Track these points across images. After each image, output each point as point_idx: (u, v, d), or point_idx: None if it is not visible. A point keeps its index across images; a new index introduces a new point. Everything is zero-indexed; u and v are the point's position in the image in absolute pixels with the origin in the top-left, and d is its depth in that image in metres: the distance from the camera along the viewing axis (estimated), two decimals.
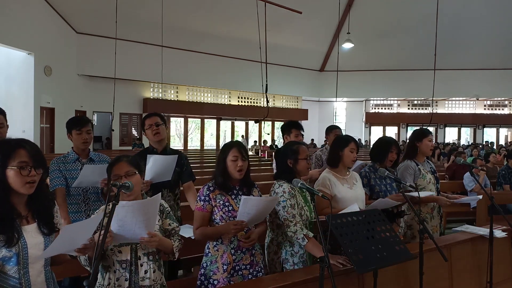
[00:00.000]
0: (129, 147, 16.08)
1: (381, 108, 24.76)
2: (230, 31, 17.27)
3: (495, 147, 18.29)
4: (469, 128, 24.81)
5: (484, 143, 20.75)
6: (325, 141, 17.84)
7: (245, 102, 21.62)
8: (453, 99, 23.61)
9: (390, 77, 21.78)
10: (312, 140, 22.46)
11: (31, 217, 1.76)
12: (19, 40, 12.22)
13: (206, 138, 21.39)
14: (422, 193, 3.18)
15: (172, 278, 3.26)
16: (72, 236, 1.72)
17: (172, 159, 3.06)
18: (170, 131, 20.00)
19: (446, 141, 21.98)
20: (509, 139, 23.51)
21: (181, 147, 19.96)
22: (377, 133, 24.30)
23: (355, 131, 22.54)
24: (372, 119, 24.59)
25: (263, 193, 2.71)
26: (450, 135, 25.00)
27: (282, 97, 22.78)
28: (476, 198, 3.70)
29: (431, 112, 20.02)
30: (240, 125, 22.59)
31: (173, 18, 15.16)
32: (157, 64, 14.79)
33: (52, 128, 14.19)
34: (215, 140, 21.23)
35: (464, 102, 23.89)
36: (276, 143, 20.47)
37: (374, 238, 2.22)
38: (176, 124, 20.62)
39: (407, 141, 4.61)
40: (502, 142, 22.95)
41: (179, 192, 3.36)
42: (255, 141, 21.51)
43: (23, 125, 12.74)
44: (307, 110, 23.52)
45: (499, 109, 23.65)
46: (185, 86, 19.28)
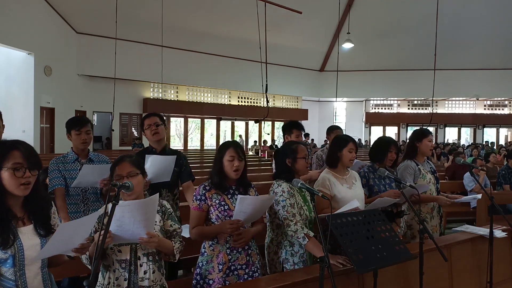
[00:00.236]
0: (129, 147, 16.06)
1: (381, 108, 24.76)
2: (230, 31, 17.26)
3: (495, 147, 18.28)
4: (469, 128, 24.80)
5: (484, 143, 20.75)
6: (325, 141, 17.82)
7: (245, 102, 21.62)
8: (453, 99, 23.61)
9: (390, 77, 21.77)
10: (312, 140, 22.46)
11: (27, 218, 1.75)
12: (19, 40, 12.22)
13: (206, 138, 21.39)
14: (418, 186, 3.18)
15: (172, 278, 3.26)
16: (69, 235, 1.71)
17: (170, 159, 3.06)
18: (170, 131, 20.00)
19: (446, 141, 21.98)
20: (509, 139, 23.51)
21: (181, 147, 19.96)
22: (377, 133, 24.28)
23: (355, 131, 22.53)
24: (372, 119, 24.58)
25: (262, 193, 2.71)
26: (450, 135, 24.99)
27: (282, 97, 22.78)
28: (475, 197, 3.70)
29: (431, 112, 20.01)
30: (240, 125, 22.58)
31: (173, 18, 15.16)
32: (157, 64, 14.79)
33: (52, 128, 14.18)
34: (215, 140, 21.22)
35: (464, 102, 23.89)
36: (276, 143, 20.46)
37: (374, 238, 2.22)
38: (176, 124, 20.62)
39: (407, 141, 4.61)
40: (502, 142, 22.95)
41: (178, 192, 3.36)
42: (255, 141, 21.50)
43: (23, 125, 12.75)
44: (307, 110, 23.51)
45: (499, 109, 23.65)
46: (185, 86, 19.27)
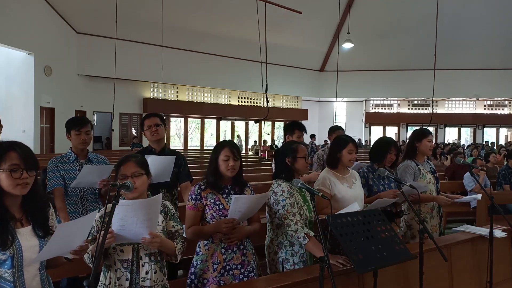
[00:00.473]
0: (129, 147, 16.06)
1: (381, 108, 24.76)
2: (230, 31, 17.26)
3: (495, 147, 18.28)
4: (469, 128, 24.80)
5: (484, 143, 20.74)
6: (325, 141, 17.74)
7: (245, 102, 21.61)
8: (453, 99, 23.61)
9: (390, 77, 21.77)
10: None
11: (25, 219, 1.74)
12: (19, 40, 12.22)
13: (206, 138, 21.38)
14: (415, 183, 3.18)
15: (172, 278, 3.26)
16: (67, 236, 1.70)
17: (170, 160, 3.06)
18: (170, 131, 20.00)
19: (446, 142, 21.97)
20: (509, 139, 23.51)
21: (181, 147, 19.96)
22: (377, 133, 24.29)
23: (355, 131, 22.52)
24: (372, 119, 24.58)
25: (261, 193, 2.71)
26: (450, 135, 24.99)
27: (282, 97, 22.77)
28: (475, 197, 3.70)
29: (431, 112, 20.01)
30: (240, 125, 22.58)
31: (173, 18, 15.16)
32: (157, 64, 14.79)
33: (52, 128, 14.18)
34: (215, 140, 21.20)
35: (464, 102, 23.89)
36: (276, 143, 20.46)
37: (374, 238, 2.22)
38: (176, 124, 20.62)
39: (407, 141, 4.61)
40: (502, 142, 22.94)
41: (176, 192, 3.37)
42: (255, 141, 21.49)
43: (23, 125, 12.75)
44: (307, 110, 23.50)
45: (499, 109, 23.65)
46: (185, 86, 19.27)
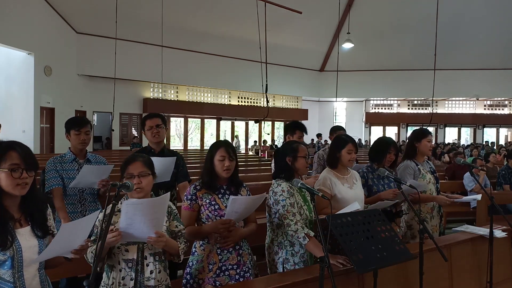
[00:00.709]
0: (128, 147, 16.05)
1: (381, 108, 24.76)
2: (230, 31, 17.27)
3: (495, 147, 18.28)
4: (469, 128, 24.80)
5: (484, 143, 20.74)
6: (325, 141, 17.74)
7: (245, 102, 21.61)
8: (453, 99, 23.61)
9: (390, 77, 21.78)
10: (312, 140, 22.46)
11: (24, 220, 1.74)
12: (19, 40, 12.21)
13: (206, 138, 21.37)
14: (414, 182, 3.18)
15: (172, 278, 3.25)
16: (70, 235, 1.71)
17: (171, 161, 3.06)
18: (170, 131, 20.00)
19: (446, 143, 21.97)
20: (509, 139, 23.50)
21: (181, 147, 19.96)
22: (377, 133, 24.29)
23: (355, 131, 22.52)
24: (372, 119, 24.58)
25: (261, 193, 2.71)
26: (450, 135, 24.98)
27: (282, 97, 22.77)
28: (475, 197, 3.70)
29: (431, 112, 20.02)
30: (240, 125, 22.57)
31: (173, 18, 15.16)
32: (157, 64, 14.80)
33: (52, 128, 14.18)
34: (215, 140, 21.18)
35: (464, 102, 23.89)
36: (276, 143, 20.46)
37: (374, 238, 2.22)
38: (176, 124, 20.61)
39: (407, 141, 4.61)
40: (502, 142, 22.95)
41: (175, 192, 3.37)
42: (255, 141, 21.50)
43: (23, 125, 12.75)
44: (307, 110, 23.50)
45: (499, 109, 23.65)
46: (185, 86, 19.27)
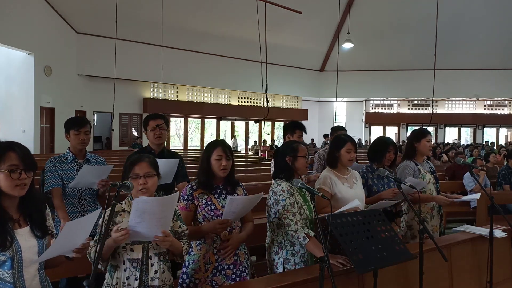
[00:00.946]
0: (127, 147, 16.04)
1: (381, 108, 24.76)
2: (230, 31, 17.27)
3: (495, 147, 18.28)
4: (469, 128, 24.81)
5: (484, 143, 20.74)
6: (324, 141, 17.69)
7: (245, 102, 21.62)
8: (453, 99, 23.61)
9: (390, 77, 21.78)
10: (312, 140, 22.48)
11: (23, 220, 1.74)
12: (19, 40, 12.21)
13: (206, 138, 21.36)
14: (412, 179, 3.18)
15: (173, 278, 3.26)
16: (73, 234, 1.71)
17: (174, 163, 3.06)
18: (170, 131, 19.98)
19: (446, 142, 21.97)
20: (509, 139, 23.50)
21: (181, 147, 19.96)
22: (377, 133, 24.27)
23: (355, 131, 22.52)
24: (372, 119, 24.58)
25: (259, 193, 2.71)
26: (450, 135, 24.99)
27: (282, 97, 22.78)
28: (474, 196, 3.71)
29: (431, 112, 20.02)
30: (240, 125, 22.57)
31: (173, 18, 15.16)
32: (157, 64, 14.79)
33: (52, 128, 14.18)
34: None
35: (464, 102, 23.89)
36: (276, 143, 20.46)
37: (374, 238, 2.22)
38: (176, 124, 20.61)
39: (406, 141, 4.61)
40: (502, 142, 22.95)
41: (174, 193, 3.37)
42: (255, 141, 21.50)
43: (23, 125, 12.75)
44: (307, 110, 23.50)
45: (499, 109, 23.65)
46: (185, 86, 19.27)
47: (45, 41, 13.42)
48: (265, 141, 19.52)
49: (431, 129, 23.13)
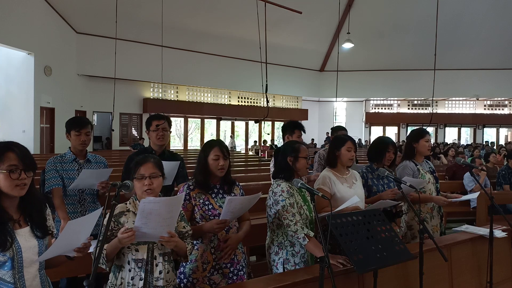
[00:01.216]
0: (128, 148, 16.02)
1: (381, 108, 24.76)
2: (230, 31, 17.27)
3: (495, 147, 18.29)
4: (469, 128, 24.81)
5: (484, 143, 20.74)
6: (325, 141, 17.66)
7: (245, 102, 21.62)
8: (453, 99, 23.62)
9: (390, 77, 21.78)
10: (312, 140, 22.48)
11: (23, 220, 1.73)
12: (19, 40, 12.21)
13: (206, 138, 21.37)
14: (411, 179, 3.18)
15: None
16: (74, 233, 1.71)
17: (174, 165, 3.06)
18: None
19: (446, 141, 21.97)
20: (509, 139, 23.50)
21: (181, 147, 19.96)
22: (377, 133, 24.28)
23: (355, 131, 22.52)
24: (372, 119, 24.59)
25: (262, 193, 2.71)
26: (450, 135, 24.99)
27: (282, 97, 22.78)
28: (473, 195, 3.71)
29: (431, 112, 20.03)
30: (240, 125, 22.58)
31: (173, 18, 15.17)
32: (157, 64, 14.80)
33: (52, 128, 14.18)
34: None
35: (464, 102, 23.89)
36: (276, 143, 20.46)
37: (374, 238, 2.22)
38: (176, 124, 20.61)
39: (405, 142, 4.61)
40: (502, 142, 22.95)
41: (174, 194, 3.37)
42: (255, 141, 21.50)
43: (23, 125, 12.75)
44: (307, 110, 23.52)
45: (499, 109, 23.66)
46: (185, 86, 19.28)
47: (45, 41, 13.42)
48: (265, 141, 19.52)
49: (431, 129, 23.14)
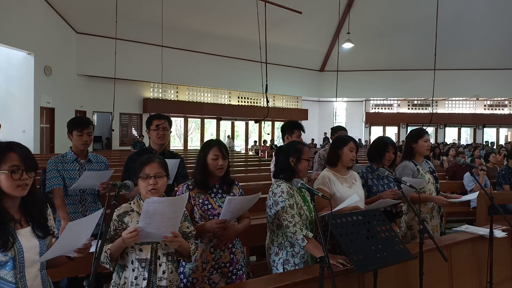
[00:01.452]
0: (128, 147, 16.01)
1: (381, 108, 24.76)
2: (230, 31, 17.27)
3: (495, 147, 18.29)
4: (469, 128, 24.81)
5: (484, 143, 20.73)
6: (324, 142, 17.62)
7: (245, 102, 21.62)
8: (453, 99, 23.61)
9: (390, 77, 21.78)
10: (312, 140, 22.48)
11: (24, 221, 1.74)
12: (19, 40, 12.21)
13: (206, 138, 21.36)
14: (411, 179, 3.18)
15: None
16: (75, 234, 1.71)
17: (174, 163, 3.06)
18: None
19: (446, 141, 21.96)
20: (509, 139, 23.50)
21: (181, 147, 19.96)
22: (377, 133, 24.28)
23: (355, 131, 22.52)
24: (372, 119, 24.58)
25: (262, 193, 2.71)
26: (450, 135, 24.99)
27: (282, 97, 22.78)
28: (473, 195, 3.71)
29: (431, 112, 20.03)
30: (240, 125, 22.57)
31: (173, 18, 15.17)
32: (157, 64, 14.79)
33: (52, 128, 14.18)
34: None
35: (464, 102, 23.89)
36: (276, 143, 20.46)
37: (374, 238, 2.22)
38: (176, 124, 20.60)
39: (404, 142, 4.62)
40: (502, 142, 22.95)
41: (174, 194, 3.37)
42: (255, 141, 21.50)
43: (23, 125, 12.75)
44: (307, 110, 23.52)
45: (499, 109, 23.66)
46: (185, 86, 19.28)
47: (45, 41, 13.42)
48: (265, 141, 19.52)
49: (431, 129, 23.15)
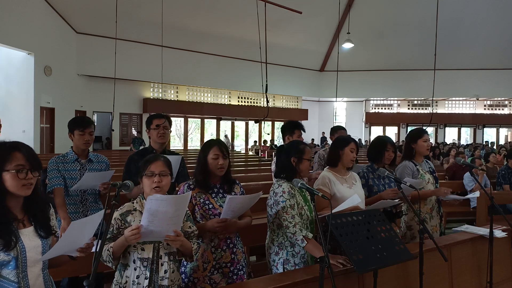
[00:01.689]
0: (128, 147, 16.00)
1: (381, 108, 24.76)
2: (230, 31, 17.27)
3: (495, 147, 18.28)
4: (469, 128, 24.82)
5: (484, 143, 20.73)
6: (325, 142, 17.63)
7: (245, 102, 21.62)
8: (453, 99, 23.62)
9: (390, 77, 21.78)
10: (312, 140, 22.48)
11: (27, 220, 1.74)
12: (19, 40, 12.21)
13: (206, 138, 21.36)
14: (411, 180, 3.18)
15: None
16: (77, 233, 1.72)
17: (176, 159, 3.07)
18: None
19: (446, 141, 21.97)
20: (509, 139, 23.51)
21: (181, 147, 19.97)
22: (377, 133, 24.26)
23: (355, 131, 22.53)
24: (372, 119, 24.59)
25: (263, 193, 2.71)
26: (450, 135, 25.00)
27: (282, 97, 22.78)
28: (473, 195, 3.71)
29: (431, 112, 20.03)
30: (240, 125, 22.57)
31: (173, 18, 15.17)
32: (157, 64, 14.79)
33: (52, 128, 14.18)
34: None
35: (464, 102, 23.90)
36: (276, 143, 20.46)
37: (374, 238, 2.22)
38: (176, 124, 20.60)
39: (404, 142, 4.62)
40: (502, 142, 22.96)
41: (175, 194, 3.37)
42: (255, 141, 21.50)
43: (23, 125, 12.75)
44: (307, 110, 23.52)
45: (499, 109, 23.66)
46: (185, 86, 19.28)
47: (45, 41, 13.41)
48: (265, 141, 19.52)
49: (431, 129, 23.15)
